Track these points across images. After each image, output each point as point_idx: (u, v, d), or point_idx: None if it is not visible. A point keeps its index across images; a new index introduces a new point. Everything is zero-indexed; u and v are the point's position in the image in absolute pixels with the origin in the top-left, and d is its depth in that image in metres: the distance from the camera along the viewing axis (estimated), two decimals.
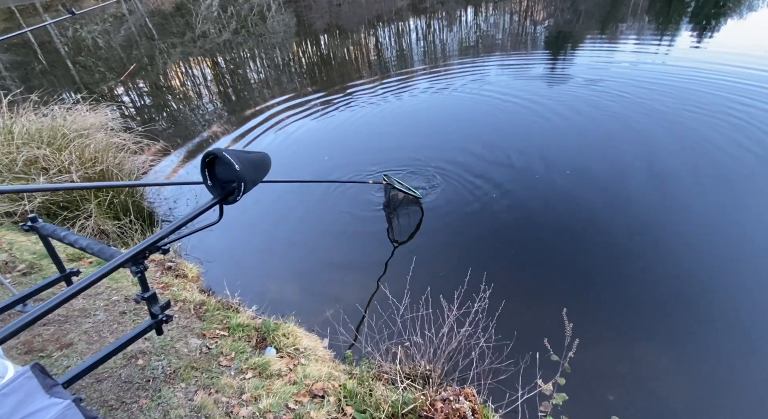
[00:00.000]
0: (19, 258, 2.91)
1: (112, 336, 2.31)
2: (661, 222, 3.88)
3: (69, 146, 3.86)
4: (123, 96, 10.26)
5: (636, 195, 4.28)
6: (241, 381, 2.20)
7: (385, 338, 2.68)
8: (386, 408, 2.04)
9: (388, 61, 11.32)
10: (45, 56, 16.82)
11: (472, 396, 2.01)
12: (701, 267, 3.42)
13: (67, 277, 1.94)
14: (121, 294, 2.72)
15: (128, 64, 14.53)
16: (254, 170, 1.70)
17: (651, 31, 10.98)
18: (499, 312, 2.57)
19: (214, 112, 8.72)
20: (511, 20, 14.93)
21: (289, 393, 2.14)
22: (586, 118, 5.97)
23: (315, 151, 5.89)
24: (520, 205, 4.30)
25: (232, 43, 16.88)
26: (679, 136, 5.23)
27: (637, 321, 3.01)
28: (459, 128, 6.16)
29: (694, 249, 3.58)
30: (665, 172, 4.56)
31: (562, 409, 1.90)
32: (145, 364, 2.14)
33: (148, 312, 1.64)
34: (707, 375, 2.67)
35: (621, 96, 6.47)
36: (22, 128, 3.92)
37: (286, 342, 2.62)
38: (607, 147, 5.24)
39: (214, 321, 2.72)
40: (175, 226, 1.57)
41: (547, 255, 3.65)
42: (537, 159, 5.03)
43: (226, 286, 3.09)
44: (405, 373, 2.33)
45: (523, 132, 5.79)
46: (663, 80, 6.94)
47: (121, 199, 3.99)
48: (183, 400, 1.98)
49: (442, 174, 4.89)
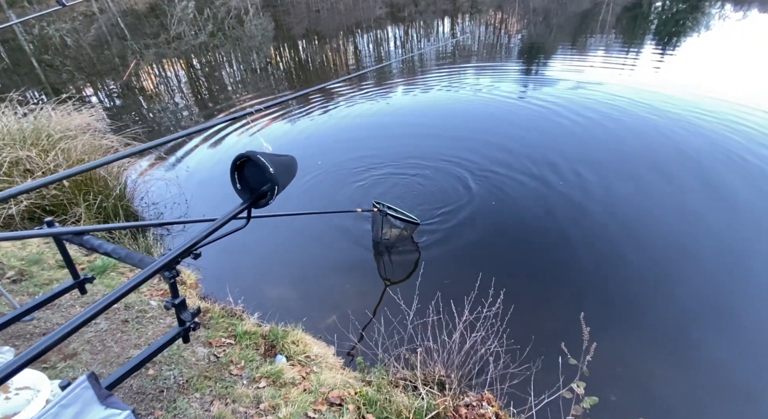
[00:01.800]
0: (7, 264, 2.74)
1: (117, 345, 2.21)
2: (676, 237, 4.01)
3: (55, 148, 3.67)
4: (97, 98, 9.90)
5: (647, 203, 4.46)
6: (255, 390, 2.14)
7: (396, 343, 2.66)
8: (409, 415, 2.03)
9: (366, 66, 11.44)
10: (8, 55, 16.02)
11: (494, 401, 2.03)
12: (710, 276, 3.57)
13: (81, 284, 1.85)
14: (122, 303, 2.60)
15: (98, 64, 14.03)
16: (286, 173, 1.68)
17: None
18: (509, 317, 2.61)
19: (189, 115, 8.57)
20: (486, 31, 15.40)
21: (307, 401, 2.10)
22: (591, 122, 6.25)
23: (305, 156, 5.85)
24: (523, 210, 4.42)
25: (208, 45, 16.58)
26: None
27: (641, 324, 3.13)
28: (459, 128, 6.41)
29: (708, 259, 3.75)
30: (672, 177, 4.81)
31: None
32: (156, 374, 2.05)
33: (177, 319, 1.58)
34: (707, 378, 2.80)
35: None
36: (3, 128, 3.71)
37: (296, 349, 2.57)
38: (615, 152, 5.48)
39: (219, 329, 2.64)
40: (207, 232, 1.52)
41: (554, 262, 3.76)
42: (549, 165, 5.18)
43: (228, 293, 3.00)
44: (422, 379, 2.33)
45: (534, 136, 6.02)
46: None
47: (110, 203, 3.83)
48: (199, 411, 1.91)
49: (438, 176, 4.98)
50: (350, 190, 4.98)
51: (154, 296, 2.88)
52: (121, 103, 9.64)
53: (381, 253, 3.97)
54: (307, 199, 4.85)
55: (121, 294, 1.20)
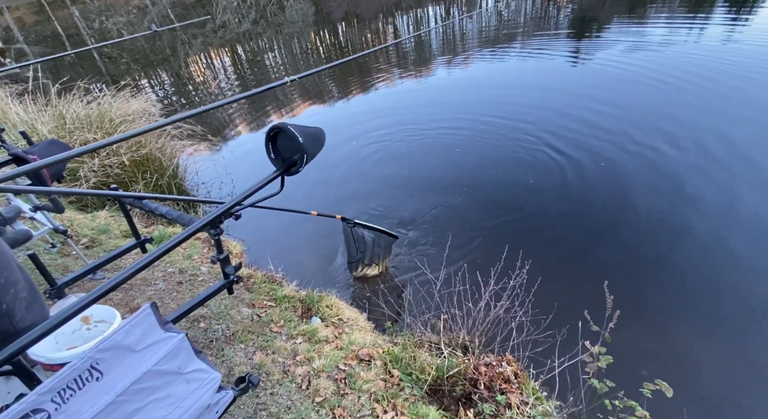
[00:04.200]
0: (81, 233, 3.12)
1: (173, 302, 2.50)
2: (715, 208, 3.87)
3: (116, 131, 4.07)
4: (150, 86, 10.57)
5: (685, 176, 4.28)
6: (293, 344, 2.36)
7: (423, 311, 2.80)
8: (431, 371, 2.17)
9: (407, 50, 11.36)
10: (73, 48, 17.28)
11: (513, 362, 2.13)
12: (743, 253, 3.42)
13: (142, 244, 2.12)
14: (176, 267, 2.91)
15: (151, 55, 14.85)
16: (314, 143, 1.83)
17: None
18: (535, 288, 2.65)
19: (235, 103, 8.99)
20: (533, 4, 14.71)
21: (338, 356, 2.29)
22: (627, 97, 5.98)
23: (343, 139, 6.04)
24: (557, 186, 4.38)
25: (251, 33, 17.04)
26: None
27: (675, 302, 3.06)
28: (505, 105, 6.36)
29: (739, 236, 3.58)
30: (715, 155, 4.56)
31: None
32: (207, 327, 2.31)
33: (222, 272, 1.79)
34: (741, 358, 2.72)
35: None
36: (73, 113, 4.14)
37: (329, 312, 2.77)
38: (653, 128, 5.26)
39: (261, 292, 2.89)
40: (244, 195, 1.71)
41: (586, 235, 3.73)
42: (582, 140, 5.07)
43: (270, 261, 3.25)
44: (445, 342, 2.45)
45: (577, 115, 5.85)
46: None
47: (165, 181, 4.20)
48: (243, 359, 2.15)
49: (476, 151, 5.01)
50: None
51: (204, 263, 3.17)
52: (173, 90, 10.25)
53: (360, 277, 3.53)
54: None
55: (175, 243, 1.41)
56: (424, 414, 1.91)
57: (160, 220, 4.01)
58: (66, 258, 2.82)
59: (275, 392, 1.98)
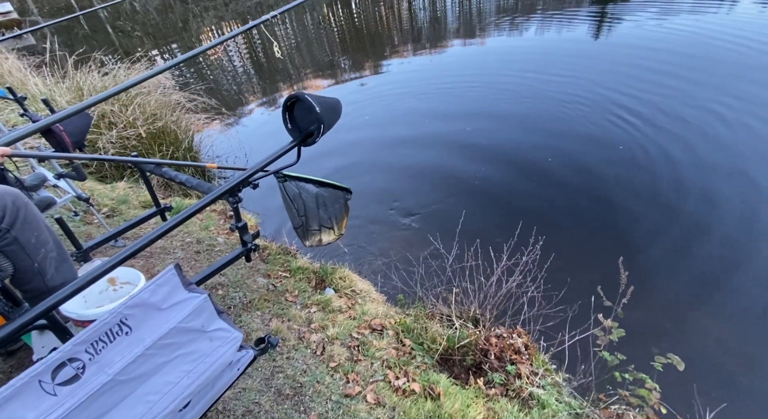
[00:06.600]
0: (101, 203, 3.20)
1: (192, 270, 2.57)
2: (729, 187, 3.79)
3: (132, 103, 4.09)
4: (162, 60, 10.54)
5: (705, 154, 4.19)
6: (307, 313, 2.42)
7: (435, 284, 2.83)
8: (442, 341, 2.22)
9: (421, 26, 11.09)
10: (86, 21, 17.21)
11: (524, 334, 2.16)
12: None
13: (162, 212, 2.17)
14: (193, 237, 2.97)
15: (164, 28, 14.73)
16: (331, 113, 1.81)
17: None
18: (548, 264, 2.66)
19: (243, 72, 8.97)
20: None
21: (352, 325, 2.35)
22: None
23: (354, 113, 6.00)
24: (571, 162, 4.31)
25: (263, 5, 16.73)
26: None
27: (688, 282, 3.04)
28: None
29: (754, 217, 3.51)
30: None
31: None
32: (225, 294, 2.38)
33: (240, 240, 1.83)
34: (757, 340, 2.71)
35: None
36: (90, 85, 4.18)
37: (343, 284, 2.82)
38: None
39: (276, 264, 2.95)
40: (261, 165, 1.72)
41: (600, 214, 3.69)
42: (593, 120, 4.96)
43: (284, 234, 3.30)
44: (456, 314, 2.49)
45: (596, 92, 5.74)
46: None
47: (180, 154, 4.25)
48: (260, 325, 2.22)
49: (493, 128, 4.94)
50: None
51: (220, 234, 3.24)
52: (185, 64, 10.20)
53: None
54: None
55: (197, 209, 1.44)
56: (435, 381, 1.96)
57: (177, 191, 4.08)
58: (89, 226, 2.90)
59: (291, 356, 2.05)
